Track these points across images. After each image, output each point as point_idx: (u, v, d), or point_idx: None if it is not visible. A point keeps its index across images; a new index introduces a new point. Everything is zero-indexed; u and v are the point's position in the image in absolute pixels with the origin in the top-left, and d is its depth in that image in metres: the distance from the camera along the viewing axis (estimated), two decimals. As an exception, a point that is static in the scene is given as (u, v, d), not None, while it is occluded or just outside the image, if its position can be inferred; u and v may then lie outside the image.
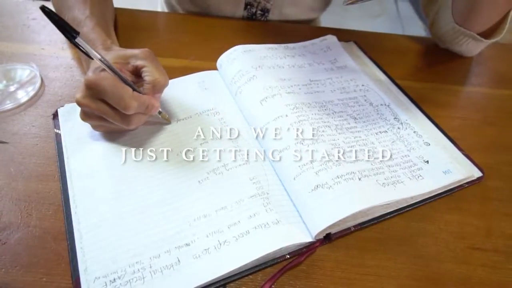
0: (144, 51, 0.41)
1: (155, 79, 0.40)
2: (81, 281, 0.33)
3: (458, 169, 0.43)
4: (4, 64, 0.53)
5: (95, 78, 0.38)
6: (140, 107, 0.39)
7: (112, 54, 0.42)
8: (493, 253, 0.39)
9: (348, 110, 0.48)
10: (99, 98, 0.38)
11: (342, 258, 0.37)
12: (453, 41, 0.56)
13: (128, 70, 0.41)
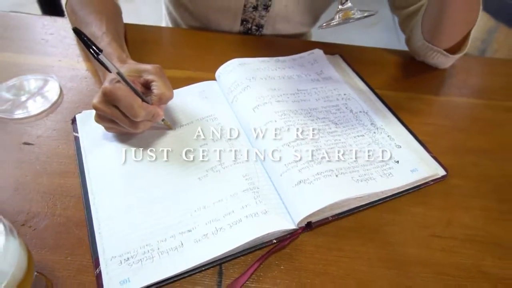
0: (155, 67, 0.48)
1: (162, 93, 0.46)
2: (100, 260, 0.40)
3: (424, 168, 0.49)
4: (26, 75, 0.60)
5: (111, 87, 0.45)
6: (147, 116, 0.46)
7: (127, 67, 0.48)
8: (451, 240, 0.45)
9: (330, 117, 0.54)
10: (113, 104, 0.45)
11: (321, 243, 0.44)
12: (425, 55, 0.63)
13: (140, 82, 0.48)
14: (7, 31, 0.68)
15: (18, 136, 0.52)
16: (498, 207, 0.48)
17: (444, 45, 0.59)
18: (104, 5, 0.62)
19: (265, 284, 0.40)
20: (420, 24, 0.61)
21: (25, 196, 0.46)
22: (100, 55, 0.44)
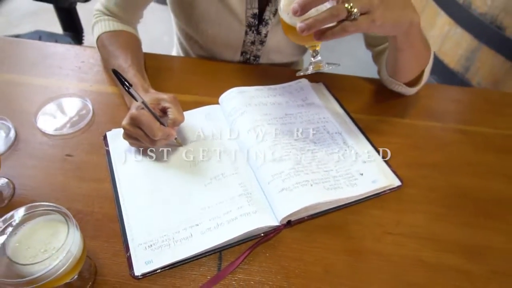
0: (171, 96, 0.61)
1: (176, 118, 0.60)
2: (130, 246, 0.53)
3: (383, 180, 0.62)
4: (66, 98, 0.73)
5: (137, 113, 0.58)
6: (163, 136, 0.59)
7: (149, 96, 0.62)
8: (399, 236, 0.58)
9: (310, 137, 0.67)
10: (138, 126, 0.59)
11: (298, 237, 0.57)
12: (391, 86, 0.76)
13: (159, 108, 0.61)
14: (47, 59, 0.82)
15: (62, 150, 0.65)
16: (439, 211, 0.61)
17: (403, 80, 0.72)
18: (128, 41, 0.75)
19: (254, 267, 0.53)
20: (384, 62, 0.74)
21: (69, 197, 0.59)
22: (130, 89, 0.57)
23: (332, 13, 0.46)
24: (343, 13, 0.47)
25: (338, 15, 0.47)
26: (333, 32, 0.48)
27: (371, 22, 0.48)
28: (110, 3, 0.76)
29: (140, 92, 0.63)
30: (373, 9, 0.47)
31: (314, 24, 0.47)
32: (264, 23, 0.77)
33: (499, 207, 0.62)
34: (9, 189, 0.59)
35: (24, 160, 0.63)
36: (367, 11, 0.47)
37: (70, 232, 0.43)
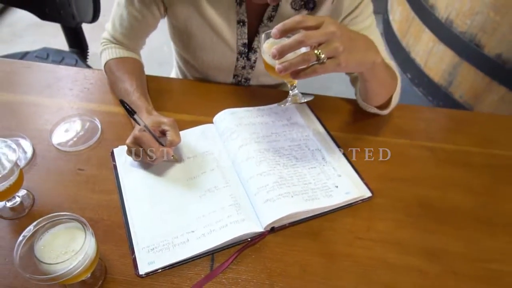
0: (170, 120, 0.70)
1: (173, 140, 0.69)
2: (135, 249, 0.62)
3: (356, 191, 0.72)
4: (76, 117, 0.82)
5: (139, 134, 0.67)
6: (161, 155, 0.68)
7: (151, 119, 0.71)
8: (368, 241, 0.67)
9: (293, 153, 0.77)
10: (139, 145, 0.68)
11: (280, 241, 0.66)
12: (365, 108, 0.85)
13: (159, 130, 0.71)
14: (59, 82, 0.91)
15: (74, 164, 0.74)
16: (404, 219, 0.70)
17: (374, 104, 0.82)
18: (133, 66, 0.85)
19: (242, 267, 0.62)
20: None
21: (82, 207, 0.68)
22: (134, 115, 0.66)
23: (304, 58, 0.56)
24: (313, 58, 0.56)
25: (309, 59, 0.56)
26: (305, 72, 0.58)
27: (337, 65, 0.57)
28: (116, 32, 0.85)
29: (144, 113, 0.73)
30: (338, 55, 0.57)
31: (289, 67, 0.56)
32: (253, 51, 0.87)
33: (455, 215, 0.71)
34: (29, 200, 0.68)
35: (41, 174, 0.72)
36: (333, 56, 0.57)
37: (87, 237, 0.52)
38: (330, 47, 0.57)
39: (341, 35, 0.57)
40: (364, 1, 0.80)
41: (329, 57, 0.57)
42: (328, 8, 0.80)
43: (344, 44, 0.57)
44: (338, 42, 0.57)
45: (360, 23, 0.81)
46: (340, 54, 0.57)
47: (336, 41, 0.57)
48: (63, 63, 1.42)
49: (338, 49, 0.57)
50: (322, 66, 0.57)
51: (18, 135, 0.77)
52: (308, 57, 0.56)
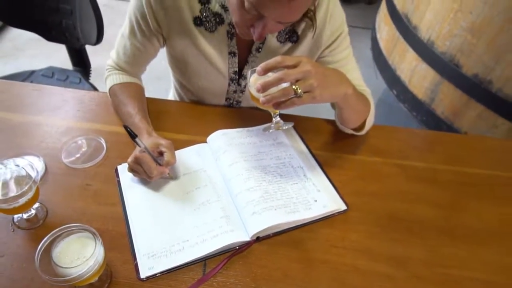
0: (168, 142, 0.79)
1: (169, 161, 0.78)
2: (136, 256, 0.71)
3: (332, 205, 0.81)
4: (83, 137, 0.91)
5: (139, 155, 0.76)
6: (158, 173, 0.77)
7: (151, 140, 0.80)
8: (342, 249, 0.76)
9: (278, 170, 0.86)
10: (139, 164, 0.77)
11: (264, 249, 0.75)
12: (342, 129, 0.95)
13: (157, 151, 0.80)
14: (68, 103, 1.00)
15: (82, 179, 0.83)
16: (374, 230, 0.80)
17: (350, 127, 0.92)
18: (135, 91, 0.94)
19: (230, 272, 0.71)
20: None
21: (89, 218, 0.77)
22: (136, 139, 0.76)
23: (284, 92, 0.66)
24: (291, 92, 0.66)
25: (288, 94, 0.66)
26: (285, 104, 0.68)
27: (312, 98, 0.67)
28: (120, 60, 0.95)
29: (145, 135, 0.82)
30: (313, 90, 0.67)
31: (271, 99, 0.66)
32: (243, 77, 0.97)
33: (420, 227, 0.81)
34: (42, 212, 0.77)
35: (53, 188, 0.81)
36: (309, 90, 0.67)
37: (97, 246, 0.61)
38: (306, 83, 0.66)
39: (315, 73, 0.67)
40: (342, 35, 0.90)
41: (305, 91, 0.67)
42: (309, 41, 0.90)
43: (318, 81, 0.67)
44: (313, 79, 0.67)
45: (338, 54, 0.92)
46: (315, 89, 0.67)
47: (311, 78, 0.67)
48: (67, 81, 1.52)
49: (313, 85, 0.66)
50: (300, 99, 0.67)
51: (32, 153, 0.86)
52: (287, 91, 0.66)
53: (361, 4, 4.07)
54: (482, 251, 0.78)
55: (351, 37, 0.95)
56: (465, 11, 1.64)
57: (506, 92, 1.60)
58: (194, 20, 0.86)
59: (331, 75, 0.72)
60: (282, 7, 0.65)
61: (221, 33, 0.88)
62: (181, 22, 0.86)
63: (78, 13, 1.38)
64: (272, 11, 0.67)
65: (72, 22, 1.41)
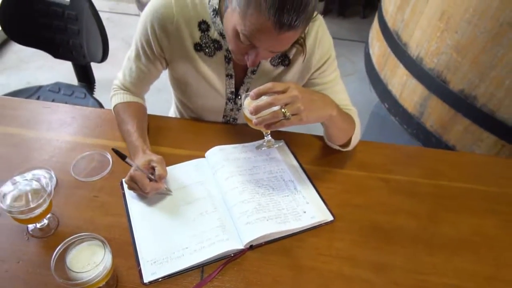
0: (158, 158, 0.87)
1: (160, 174, 0.85)
2: (140, 262, 0.78)
3: (320, 216, 0.88)
4: (91, 152, 0.99)
5: (134, 174, 0.84)
6: (151, 189, 0.84)
7: (143, 158, 0.87)
8: (329, 256, 0.83)
9: (270, 184, 0.94)
10: (135, 182, 0.84)
11: (257, 256, 0.82)
12: (330, 145, 1.03)
13: (150, 166, 0.87)
14: (76, 121, 1.08)
15: (90, 191, 0.91)
16: (359, 239, 0.87)
17: (336, 143, 0.99)
18: (137, 110, 1.02)
19: (226, 277, 0.78)
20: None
21: (97, 227, 0.84)
22: (126, 159, 0.83)
23: (274, 115, 0.74)
24: (280, 115, 0.74)
25: (277, 116, 0.74)
26: (275, 125, 0.76)
27: (299, 120, 0.75)
28: (126, 81, 1.03)
29: (140, 153, 0.89)
30: (300, 112, 0.75)
31: (263, 121, 0.74)
32: (239, 97, 1.04)
33: (400, 236, 0.88)
34: (54, 222, 0.84)
35: (63, 200, 0.88)
36: (296, 113, 0.75)
37: (106, 253, 0.68)
38: (294, 107, 0.74)
39: (302, 98, 0.75)
40: (330, 59, 0.98)
41: (293, 114, 0.75)
42: (300, 65, 0.98)
43: (304, 104, 0.75)
44: (300, 103, 0.74)
45: (326, 77, 1.00)
46: (302, 112, 0.75)
47: (298, 102, 0.74)
48: (73, 96, 1.59)
49: (300, 108, 0.74)
50: (288, 121, 0.75)
51: (44, 167, 0.93)
52: (277, 114, 0.74)
53: (357, 18, 4.18)
54: (456, 259, 0.85)
55: (347, 50, 1.04)
56: (450, 31, 1.73)
57: (490, 107, 1.69)
58: (194, 46, 0.94)
59: (317, 99, 0.80)
60: (272, 39, 0.73)
61: (219, 57, 0.96)
62: (182, 47, 0.94)
63: (85, 33, 1.47)
64: (263, 42, 0.75)
65: (79, 41, 1.50)
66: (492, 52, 1.59)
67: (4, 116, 1.07)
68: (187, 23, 0.91)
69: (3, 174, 0.90)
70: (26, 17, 1.48)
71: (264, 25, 0.70)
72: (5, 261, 0.77)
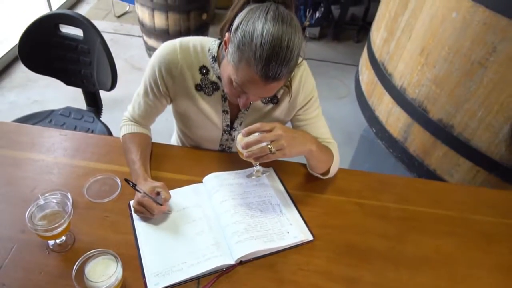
0: (161, 184, 1.01)
1: (166, 197, 0.99)
2: (145, 275, 0.91)
3: (301, 236, 1.02)
4: (102, 175, 1.13)
5: (141, 199, 0.97)
6: (158, 212, 0.98)
7: (148, 185, 1.01)
8: (308, 271, 0.97)
9: (259, 207, 1.07)
10: (143, 206, 0.98)
11: (246, 271, 0.95)
12: (312, 173, 1.17)
13: (154, 192, 1.01)
14: (89, 147, 1.22)
15: (101, 212, 1.04)
16: (334, 256, 1.00)
17: (317, 172, 1.14)
18: (142, 141, 1.16)
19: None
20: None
21: (108, 244, 0.97)
22: (136, 187, 0.97)
23: (261, 150, 0.89)
24: (267, 150, 0.89)
25: (264, 151, 0.89)
26: (262, 158, 0.90)
27: (283, 155, 0.90)
28: (135, 114, 1.17)
29: (141, 180, 1.03)
30: (283, 148, 0.89)
31: (252, 155, 0.89)
32: (234, 129, 1.19)
33: (370, 254, 1.01)
34: (71, 238, 0.98)
35: (79, 219, 1.02)
36: (280, 149, 0.89)
37: (118, 266, 0.82)
38: (278, 144, 0.89)
39: (285, 136, 0.90)
40: (312, 99, 1.13)
41: (277, 149, 0.89)
42: (287, 103, 1.13)
43: (287, 141, 0.89)
44: (283, 140, 0.89)
45: (310, 114, 1.15)
46: (285, 148, 0.89)
47: (282, 139, 0.89)
48: (82, 120, 1.74)
49: (283, 144, 0.89)
50: (273, 155, 0.89)
51: (62, 190, 1.06)
52: (264, 149, 0.89)
53: (351, 42, 4.37)
54: (419, 275, 0.99)
55: (341, 73, 1.20)
56: (430, 65, 1.90)
57: (465, 136, 1.84)
58: (195, 87, 1.09)
59: (298, 137, 0.95)
60: (260, 88, 0.88)
61: (217, 96, 1.11)
62: (185, 87, 1.09)
63: (96, 64, 1.62)
64: (252, 90, 0.90)
65: (90, 72, 1.65)
66: (466, 87, 1.75)
67: (27, 143, 1.21)
68: (189, 67, 1.06)
69: (28, 195, 1.04)
70: (43, 49, 1.63)
71: (253, 77, 0.85)
72: (29, 272, 0.90)
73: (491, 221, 1.14)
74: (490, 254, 1.06)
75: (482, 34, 1.62)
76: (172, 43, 1.05)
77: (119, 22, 4.23)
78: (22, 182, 1.10)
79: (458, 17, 1.70)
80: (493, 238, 1.10)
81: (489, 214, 1.16)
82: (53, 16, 1.57)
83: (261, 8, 0.83)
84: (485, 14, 1.58)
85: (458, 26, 1.71)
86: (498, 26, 1.55)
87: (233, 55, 0.86)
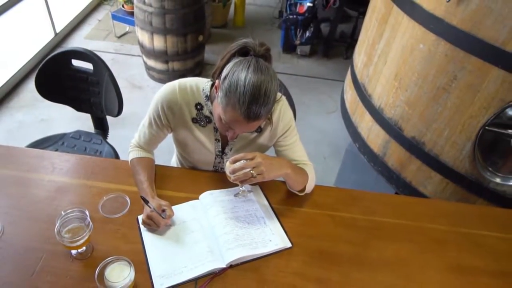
0: (166, 203, 1.21)
1: (170, 214, 1.19)
2: (152, 277, 1.11)
3: (282, 243, 1.22)
4: (113, 194, 1.33)
5: (150, 214, 1.18)
6: (163, 225, 1.19)
7: (155, 202, 1.21)
8: (286, 273, 1.17)
9: (246, 220, 1.28)
10: (150, 219, 1.19)
11: (235, 273, 1.15)
12: (292, 191, 1.38)
13: (161, 209, 1.21)
14: (100, 170, 1.42)
15: (114, 225, 1.24)
16: (308, 260, 1.20)
17: (295, 189, 1.35)
18: (147, 164, 1.37)
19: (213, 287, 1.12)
20: (288, 178, 1.37)
21: (121, 252, 1.17)
22: (148, 203, 1.18)
23: (245, 175, 1.10)
24: (249, 175, 1.10)
25: (247, 176, 1.10)
26: (246, 181, 1.11)
27: (263, 178, 1.11)
28: (140, 141, 1.38)
29: (149, 197, 1.23)
30: (263, 173, 1.10)
31: (237, 179, 1.10)
32: (225, 154, 1.40)
33: (339, 258, 1.22)
34: (90, 248, 1.18)
35: (96, 232, 1.21)
36: (260, 173, 1.10)
37: (131, 270, 1.02)
38: (258, 169, 1.10)
39: (264, 163, 1.11)
40: (291, 128, 1.34)
41: (258, 174, 1.10)
42: (269, 132, 1.34)
43: (266, 167, 1.11)
44: (262, 166, 1.10)
45: (288, 140, 1.36)
46: (264, 172, 1.10)
47: (262, 166, 1.10)
48: (91, 142, 1.95)
49: (263, 170, 1.10)
50: (255, 178, 1.10)
51: (80, 207, 1.27)
52: (247, 174, 1.10)
53: (340, 59, 4.61)
54: (380, 275, 1.19)
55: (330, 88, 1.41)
56: (402, 89, 2.12)
57: (435, 152, 2.05)
58: (192, 120, 1.30)
59: (275, 163, 1.16)
60: (244, 126, 1.09)
61: (210, 128, 1.32)
62: (183, 121, 1.30)
63: (104, 93, 1.83)
64: (237, 127, 1.11)
65: (98, 100, 1.86)
66: (433, 109, 1.97)
67: (48, 167, 1.42)
68: (187, 104, 1.27)
69: (52, 212, 1.24)
70: (57, 80, 1.85)
71: (238, 118, 1.06)
72: (57, 276, 1.10)
73: (443, 229, 1.35)
74: (441, 257, 1.26)
75: (444, 63, 1.84)
76: (172, 84, 1.27)
77: (119, 42, 4.44)
78: (46, 201, 1.30)
79: (424, 48, 1.92)
80: (444, 243, 1.30)
81: (442, 223, 1.37)
82: (67, 53, 1.78)
83: (244, 62, 1.05)
84: (446, 47, 1.80)
85: (424, 56, 1.93)
86: (457, 58, 1.77)
87: (222, 99, 1.08)
